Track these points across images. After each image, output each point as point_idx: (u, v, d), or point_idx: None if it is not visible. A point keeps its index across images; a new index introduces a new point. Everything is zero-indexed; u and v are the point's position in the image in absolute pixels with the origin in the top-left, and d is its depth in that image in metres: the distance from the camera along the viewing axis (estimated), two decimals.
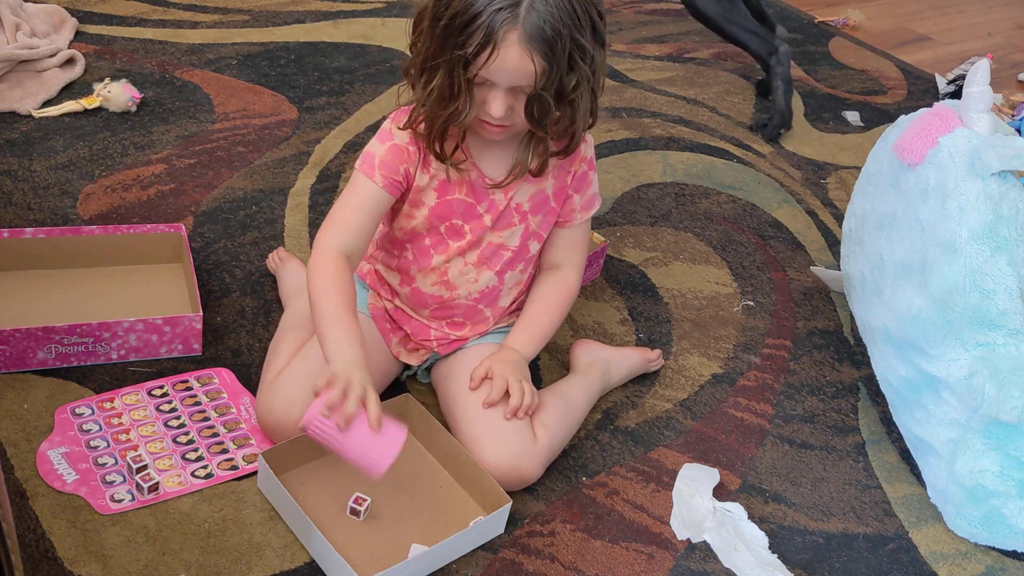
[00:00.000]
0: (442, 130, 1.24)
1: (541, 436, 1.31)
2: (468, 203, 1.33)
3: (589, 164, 1.39)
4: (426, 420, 1.33)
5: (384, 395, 1.38)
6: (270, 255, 1.61)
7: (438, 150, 1.27)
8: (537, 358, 1.53)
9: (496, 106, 1.20)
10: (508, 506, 1.23)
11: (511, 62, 1.16)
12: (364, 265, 1.45)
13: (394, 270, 1.40)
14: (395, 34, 2.45)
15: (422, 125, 1.26)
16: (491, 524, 1.23)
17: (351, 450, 1.12)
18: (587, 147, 1.37)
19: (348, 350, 1.18)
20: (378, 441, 1.12)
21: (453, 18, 1.15)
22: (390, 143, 1.29)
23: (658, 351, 1.57)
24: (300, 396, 1.26)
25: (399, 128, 1.29)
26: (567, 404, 1.39)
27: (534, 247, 1.40)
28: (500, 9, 1.14)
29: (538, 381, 1.49)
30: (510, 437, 1.28)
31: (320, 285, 1.24)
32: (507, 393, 1.30)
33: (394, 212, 1.36)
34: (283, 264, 1.57)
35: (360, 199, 1.29)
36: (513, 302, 1.43)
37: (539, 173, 1.31)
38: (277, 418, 1.28)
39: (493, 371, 1.32)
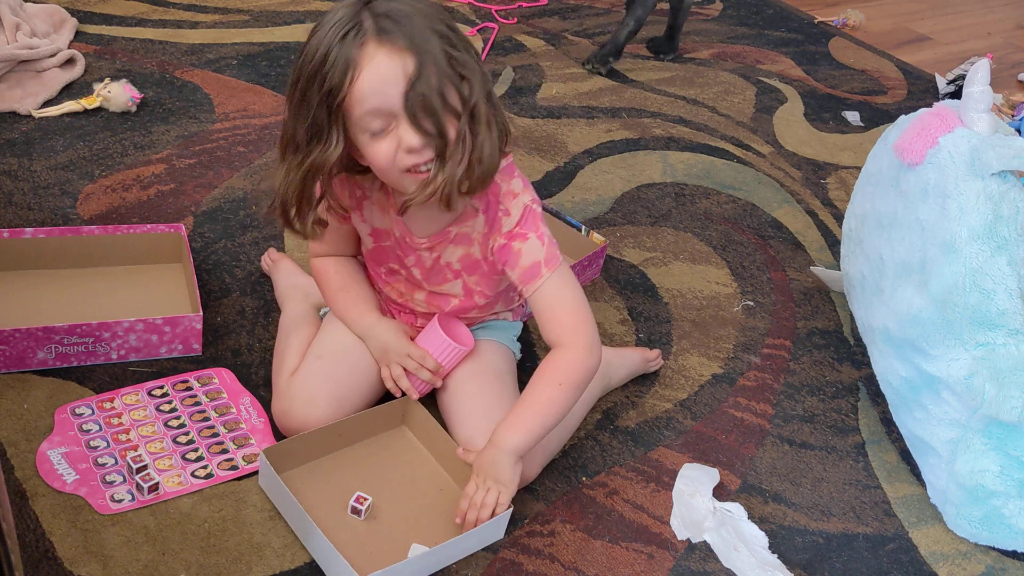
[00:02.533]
0: (298, 199, 1.16)
1: None
2: (398, 255, 1.32)
3: (510, 236, 1.23)
4: (427, 422, 1.33)
5: (385, 395, 1.38)
6: (263, 256, 1.62)
7: (299, 226, 1.19)
8: (532, 345, 1.53)
9: (409, 134, 1.09)
10: (509, 512, 1.22)
11: (381, 68, 1.07)
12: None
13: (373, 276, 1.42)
14: None
15: (284, 209, 1.18)
16: (492, 528, 1.23)
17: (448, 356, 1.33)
18: (509, 220, 1.23)
19: (365, 318, 1.34)
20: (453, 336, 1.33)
21: (307, 73, 1.09)
22: None
23: (657, 351, 1.57)
24: (319, 394, 1.29)
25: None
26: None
27: (480, 300, 1.34)
28: (343, 34, 1.07)
29: None
30: None
31: (320, 286, 1.39)
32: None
33: None
34: (276, 265, 1.58)
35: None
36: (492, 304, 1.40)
37: (447, 204, 1.15)
38: (298, 418, 1.29)
39: (478, 480, 1.22)
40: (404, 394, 1.34)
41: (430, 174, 1.13)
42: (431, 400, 1.41)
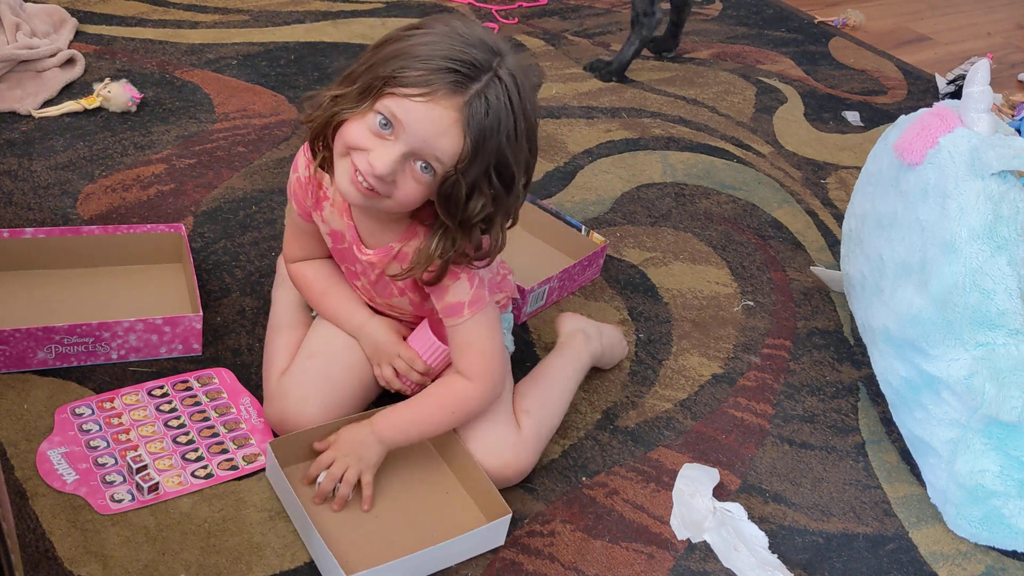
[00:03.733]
0: (324, 127, 1.16)
1: (525, 425, 1.31)
2: (350, 259, 1.31)
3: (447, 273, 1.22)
4: None
5: (385, 394, 1.38)
6: None
7: (318, 149, 1.20)
8: (532, 345, 1.53)
9: (384, 160, 1.08)
10: (508, 517, 1.21)
11: (440, 117, 1.07)
12: None
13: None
14: None
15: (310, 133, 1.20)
16: (489, 534, 1.22)
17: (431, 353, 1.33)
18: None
19: (355, 316, 1.35)
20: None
21: (403, 47, 1.09)
22: (295, 175, 1.30)
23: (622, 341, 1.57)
24: (312, 394, 1.29)
25: (304, 157, 1.27)
26: (548, 383, 1.38)
27: (433, 313, 1.31)
28: (454, 70, 1.06)
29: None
30: (493, 434, 1.28)
31: (302, 290, 1.40)
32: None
33: None
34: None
35: (291, 220, 1.37)
36: None
37: (433, 281, 1.19)
38: (291, 419, 1.28)
39: (335, 453, 1.24)
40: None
41: (365, 193, 1.12)
42: None
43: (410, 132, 1.08)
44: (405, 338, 1.35)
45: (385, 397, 1.39)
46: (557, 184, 2.01)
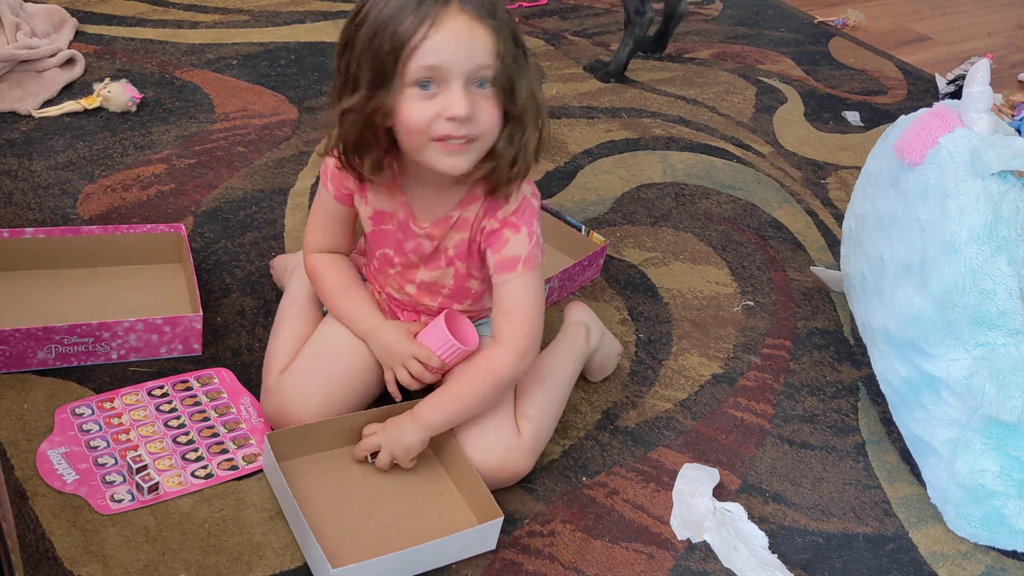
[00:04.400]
0: (359, 144, 1.18)
1: (525, 429, 1.30)
2: (397, 238, 1.31)
3: (504, 223, 1.24)
4: None
5: (384, 394, 1.38)
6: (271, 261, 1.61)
7: (357, 164, 1.21)
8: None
9: (457, 100, 1.09)
10: (500, 520, 1.21)
11: (457, 30, 1.08)
12: (361, 259, 1.46)
13: (373, 270, 1.40)
14: None
15: (341, 151, 1.21)
16: (480, 536, 1.21)
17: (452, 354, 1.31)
18: (506, 208, 1.24)
19: (368, 319, 1.33)
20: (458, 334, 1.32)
21: (380, 19, 1.10)
22: (334, 159, 1.29)
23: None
24: (310, 393, 1.29)
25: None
26: (550, 383, 1.37)
27: (474, 285, 1.33)
28: None
29: None
30: (494, 437, 1.27)
31: (317, 284, 1.38)
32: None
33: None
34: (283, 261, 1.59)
35: (322, 206, 1.35)
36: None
37: (508, 182, 1.20)
38: (288, 416, 1.28)
39: (380, 439, 1.27)
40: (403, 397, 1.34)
41: (465, 149, 1.14)
42: None
43: (450, 65, 1.09)
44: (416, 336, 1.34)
45: (383, 400, 1.39)
46: (557, 184, 2.01)
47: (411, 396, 1.34)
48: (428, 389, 1.33)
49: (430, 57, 1.08)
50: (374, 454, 1.28)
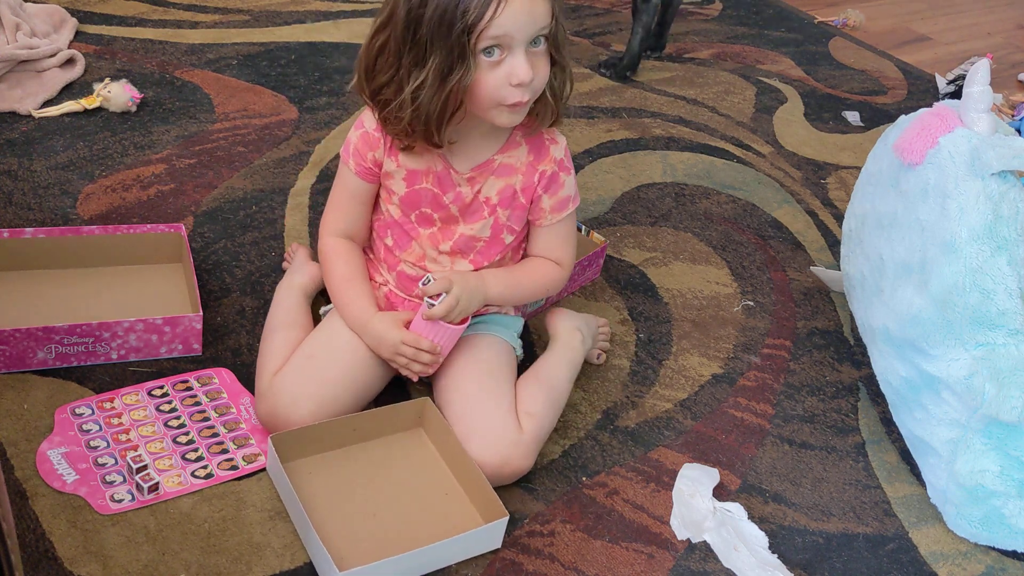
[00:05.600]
0: (441, 117, 1.23)
1: (527, 426, 1.31)
2: (435, 193, 1.35)
3: (559, 165, 1.37)
4: (441, 425, 1.32)
5: (383, 394, 1.38)
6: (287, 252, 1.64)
7: (434, 135, 1.25)
8: (532, 345, 1.53)
9: (522, 67, 1.19)
10: (506, 520, 1.21)
11: (519, 6, 1.16)
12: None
13: (382, 255, 1.42)
14: None
15: (398, 123, 1.25)
16: (486, 535, 1.22)
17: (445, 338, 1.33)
18: (557, 148, 1.37)
19: (365, 312, 1.34)
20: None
21: (447, 5, 1.16)
22: (361, 130, 1.35)
23: (604, 320, 1.60)
24: (303, 394, 1.29)
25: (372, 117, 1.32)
26: (551, 385, 1.38)
27: (508, 238, 1.39)
28: None
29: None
30: (497, 432, 1.28)
31: (326, 268, 1.40)
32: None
33: (379, 196, 1.40)
34: (295, 254, 1.60)
35: (343, 185, 1.40)
36: None
37: (551, 125, 1.33)
38: (281, 417, 1.28)
39: (456, 284, 1.31)
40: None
41: (526, 105, 1.24)
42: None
43: (515, 32, 1.17)
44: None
45: (384, 399, 1.39)
46: None
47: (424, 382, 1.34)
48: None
49: (498, 29, 1.17)
50: (431, 298, 1.30)
